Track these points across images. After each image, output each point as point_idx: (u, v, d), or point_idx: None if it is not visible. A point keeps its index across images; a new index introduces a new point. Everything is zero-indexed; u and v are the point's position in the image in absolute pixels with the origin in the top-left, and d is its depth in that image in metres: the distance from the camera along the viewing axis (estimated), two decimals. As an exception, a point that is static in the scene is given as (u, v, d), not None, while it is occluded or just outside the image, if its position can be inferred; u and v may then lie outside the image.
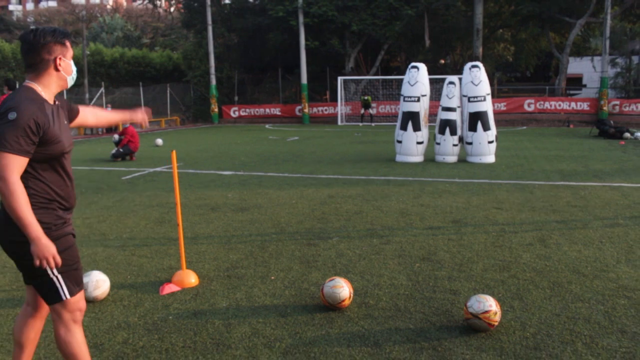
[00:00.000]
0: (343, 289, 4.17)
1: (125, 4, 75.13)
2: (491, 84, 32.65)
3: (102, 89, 30.09)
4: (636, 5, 30.73)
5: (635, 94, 29.89)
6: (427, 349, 3.60)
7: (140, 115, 3.43)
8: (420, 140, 13.12)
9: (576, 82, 40.81)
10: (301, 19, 30.59)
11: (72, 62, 2.81)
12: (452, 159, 13.09)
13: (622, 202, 8.11)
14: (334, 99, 32.39)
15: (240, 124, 31.78)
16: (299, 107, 32.45)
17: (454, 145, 13.04)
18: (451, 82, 13.19)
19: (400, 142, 13.26)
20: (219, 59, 33.44)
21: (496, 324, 3.80)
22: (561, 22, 32.51)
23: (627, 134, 19.18)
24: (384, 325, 3.97)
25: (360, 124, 28.19)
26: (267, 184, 10.11)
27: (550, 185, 9.59)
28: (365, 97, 28.32)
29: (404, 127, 13.14)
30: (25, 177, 2.62)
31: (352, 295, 4.26)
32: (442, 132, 13.10)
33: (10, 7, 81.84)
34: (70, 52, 2.79)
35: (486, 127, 12.78)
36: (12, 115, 2.54)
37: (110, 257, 5.70)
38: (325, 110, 32.56)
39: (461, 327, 3.90)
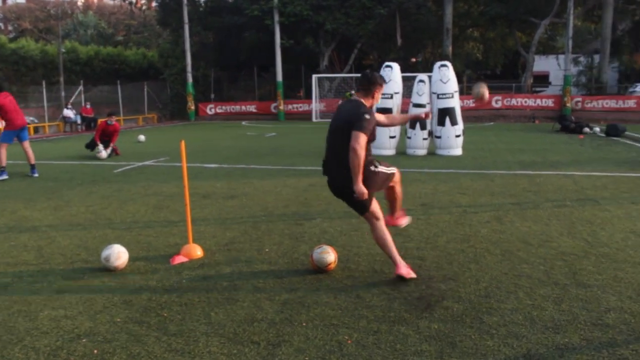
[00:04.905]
0: (329, 254, 5.01)
1: (96, 0, 74.80)
2: (461, 82, 33.98)
3: (81, 87, 30.45)
4: (597, 7, 32.15)
5: (596, 91, 31.29)
6: (399, 298, 4.45)
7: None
8: (392, 134, 14.02)
9: (543, 80, 42.23)
10: (276, 18, 31.35)
11: (380, 94, 5.02)
12: (422, 152, 14.03)
13: (572, 187, 9.11)
14: (308, 96, 33.22)
15: (216, 121, 32.43)
16: (274, 104, 33.22)
17: (424, 139, 13.99)
18: (421, 80, 14.13)
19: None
20: (195, 57, 34.00)
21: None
22: (527, 22, 33.83)
23: (587, 129, 20.39)
24: (364, 282, 4.82)
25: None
26: (251, 175, 10.90)
27: (510, 174, 10.57)
28: (351, 92, 29.30)
29: (377, 123, 14.01)
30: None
31: (336, 260, 5.09)
32: (412, 127, 14.02)
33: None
34: (382, 89, 4.99)
35: (454, 122, 13.73)
36: (367, 116, 4.67)
37: (120, 237, 6.44)
38: (300, 107, 33.39)
39: (428, 283, 4.76)
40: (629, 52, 35.98)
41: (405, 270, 4.81)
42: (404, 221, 5.52)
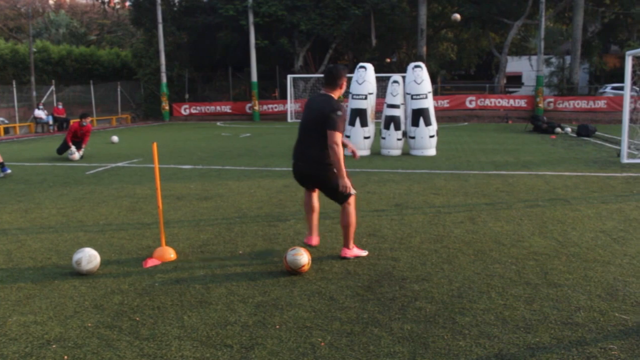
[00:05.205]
0: (303, 256, 5.00)
1: (68, -1, 73.64)
2: (435, 82, 34.23)
3: (53, 87, 29.97)
4: (568, 9, 32.65)
5: (568, 91, 31.76)
6: (372, 299, 4.47)
7: None
8: (367, 135, 14.07)
9: (516, 80, 42.75)
10: (251, 18, 31.24)
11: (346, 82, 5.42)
12: (397, 152, 14.11)
13: (544, 187, 9.24)
14: (283, 96, 33.18)
15: (191, 122, 32.21)
16: (249, 105, 33.10)
17: (398, 139, 14.07)
18: (395, 81, 14.20)
19: (348, 137, 14.16)
20: (169, 57, 33.71)
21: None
22: (500, 23, 34.22)
23: (558, 129, 20.71)
24: (337, 284, 4.82)
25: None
26: (226, 176, 10.85)
27: (483, 174, 10.68)
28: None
29: (352, 123, 14.07)
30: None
31: (310, 262, 5.09)
32: (387, 127, 14.09)
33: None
34: (346, 78, 5.40)
35: (428, 123, 13.83)
36: (339, 113, 5.11)
37: (92, 240, 6.36)
38: (275, 107, 33.32)
39: (401, 283, 4.78)
40: (599, 54, 36.61)
41: (315, 240, 5.71)
42: (357, 252, 5.62)
